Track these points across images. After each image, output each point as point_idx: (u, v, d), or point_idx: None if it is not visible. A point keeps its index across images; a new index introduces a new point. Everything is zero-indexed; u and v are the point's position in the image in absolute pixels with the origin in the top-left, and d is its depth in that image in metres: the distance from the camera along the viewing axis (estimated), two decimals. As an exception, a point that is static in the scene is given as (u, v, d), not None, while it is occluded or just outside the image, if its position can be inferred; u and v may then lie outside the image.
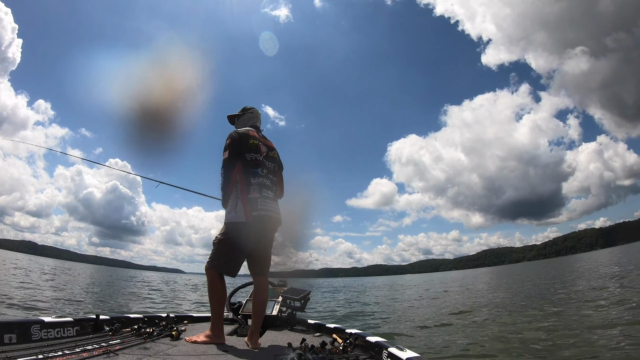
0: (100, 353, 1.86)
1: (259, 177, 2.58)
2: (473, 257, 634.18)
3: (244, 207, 2.50)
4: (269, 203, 2.59)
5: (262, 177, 2.60)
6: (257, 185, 2.56)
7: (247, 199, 2.51)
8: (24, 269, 24.98)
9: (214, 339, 2.46)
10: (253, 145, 2.62)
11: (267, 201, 2.58)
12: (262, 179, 2.60)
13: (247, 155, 2.59)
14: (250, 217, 2.49)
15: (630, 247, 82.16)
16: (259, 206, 2.52)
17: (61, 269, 35.56)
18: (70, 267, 49.72)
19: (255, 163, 2.60)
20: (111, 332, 2.46)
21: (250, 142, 2.62)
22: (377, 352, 2.26)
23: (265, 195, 2.58)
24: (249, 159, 2.59)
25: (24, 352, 1.77)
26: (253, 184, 2.55)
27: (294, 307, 3.54)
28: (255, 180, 2.57)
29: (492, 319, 7.85)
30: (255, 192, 2.53)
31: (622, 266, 19.83)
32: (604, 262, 28.22)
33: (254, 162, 2.60)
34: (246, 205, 2.50)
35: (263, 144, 2.71)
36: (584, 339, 5.07)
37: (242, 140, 2.61)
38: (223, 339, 2.51)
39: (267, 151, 2.72)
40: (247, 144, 2.61)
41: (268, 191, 2.62)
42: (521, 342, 5.39)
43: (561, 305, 8.62)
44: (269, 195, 2.63)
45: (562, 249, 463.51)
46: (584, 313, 7.13)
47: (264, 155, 2.67)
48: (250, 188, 2.54)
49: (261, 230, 2.56)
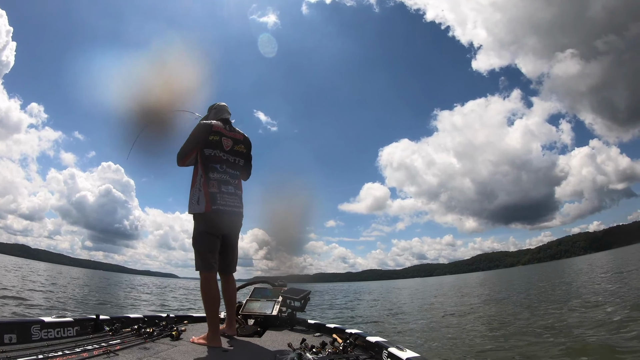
0: (101, 353, 1.87)
1: (217, 173, 2.65)
2: (467, 262, 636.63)
3: (205, 200, 2.58)
4: (227, 198, 2.66)
5: (221, 173, 2.67)
6: (216, 181, 2.63)
7: (208, 192, 2.59)
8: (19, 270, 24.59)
9: (210, 342, 2.45)
10: (213, 141, 2.66)
11: (225, 196, 2.64)
12: (222, 174, 2.67)
13: (205, 150, 2.65)
14: (210, 209, 2.57)
15: (624, 250, 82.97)
16: (217, 201, 2.60)
17: (53, 274, 35.03)
18: (61, 272, 49.03)
19: (214, 159, 2.66)
20: (111, 332, 2.46)
21: (210, 138, 2.66)
22: (377, 352, 2.26)
23: (224, 191, 2.64)
24: (207, 154, 2.64)
25: (24, 352, 1.77)
26: (212, 179, 2.62)
27: (294, 307, 3.53)
28: (214, 175, 2.63)
29: (491, 320, 7.87)
30: (214, 187, 2.61)
31: (614, 270, 20.00)
32: (599, 265, 28.45)
33: (212, 157, 2.65)
34: (207, 198, 2.58)
35: (228, 138, 2.75)
36: (575, 340, 5.11)
37: (201, 134, 2.65)
38: (219, 342, 2.49)
39: (232, 145, 2.76)
40: (206, 139, 2.65)
41: (228, 186, 2.69)
42: (518, 343, 5.41)
43: (556, 307, 8.68)
44: (229, 190, 2.69)
45: (557, 253, 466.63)
46: (577, 315, 7.19)
47: (227, 150, 2.72)
48: (209, 183, 2.60)
49: (220, 223, 2.63)
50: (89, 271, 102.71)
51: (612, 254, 65.42)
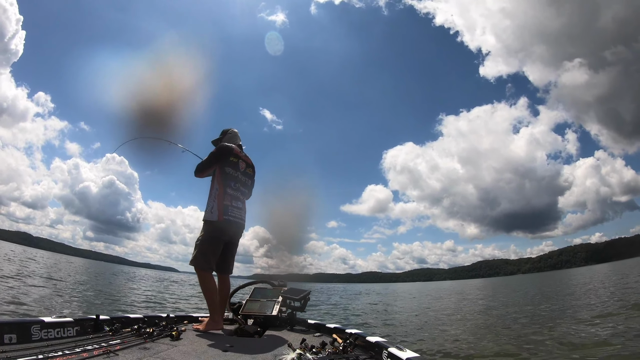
0: (100, 353, 1.86)
1: (231, 189, 3.20)
2: (468, 268, 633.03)
3: (218, 210, 3.10)
4: (237, 211, 3.22)
5: (234, 190, 3.23)
6: (230, 196, 3.17)
7: (222, 204, 3.11)
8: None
9: (213, 325, 2.92)
10: (232, 162, 3.24)
11: (235, 210, 3.20)
12: (235, 191, 3.23)
13: (226, 168, 3.20)
14: (222, 218, 3.09)
15: (625, 263, 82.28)
16: (229, 212, 3.13)
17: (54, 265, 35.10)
18: (59, 261, 49.10)
19: (232, 177, 3.22)
20: (111, 332, 2.45)
21: (231, 159, 3.24)
22: (377, 352, 2.26)
23: (234, 205, 3.20)
24: (227, 172, 3.19)
25: (24, 352, 1.77)
26: (227, 193, 3.16)
27: (294, 307, 3.55)
28: (230, 191, 3.18)
29: (490, 324, 7.86)
30: (227, 201, 3.15)
31: (613, 283, 19.86)
32: (599, 278, 28.24)
33: (230, 176, 3.21)
34: (220, 209, 3.10)
35: (243, 161, 3.35)
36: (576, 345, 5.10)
37: (224, 155, 3.23)
38: (221, 325, 2.99)
39: (245, 167, 3.37)
40: (227, 160, 3.22)
41: (238, 202, 3.25)
42: (518, 346, 5.41)
43: (554, 315, 8.65)
44: (238, 205, 3.25)
45: (557, 262, 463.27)
46: (574, 324, 7.17)
47: (241, 171, 3.30)
48: (225, 196, 3.14)
49: (228, 231, 3.18)
50: (88, 262, 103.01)
51: (612, 267, 64.83)
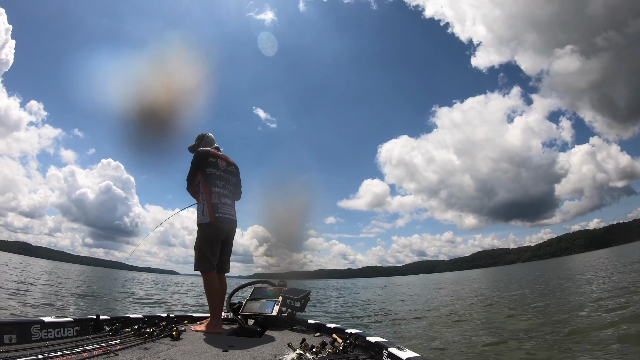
0: (101, 353, 1.87)
1: (217, 187, 3.30)
2: (468, 259, 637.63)
3: (209, 211, 3.19)
4: (227, 208, 3.32)
5: (220, 188, 3.32)
6: (217, 194, 3.27)
7: (211, 204, 3.22)
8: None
9: (212, 328, 2.96)
10: (212, 162, 3.34)
11: (225, 207, 3.30)
12: (220, 189, 3.32)
13: (207, 169, 3.30)
14: (214, 218, 3.19)
15: (624, 248, 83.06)
16: (219, 210, 3.23)
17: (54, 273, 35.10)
18: (60, 268, 49.15)
19: (214, 176, 3.31)
20: (111, 332, 2.47)
21: (209, 160, 3.34)
22: (377, 352, 2.25)
23: (223, 202, 3.29)
24: (209, 173, 3.30)
25: (24, 352, 1.77)
26: (214, 192, 3.26)
27: (294, 307, 3.54)
28: (215, 189, 3.28)
29: (491, 320, 7.89)
30: (215, 199, 3.25)
31: (613, 268, 20.03)
32: (597, 264, 28.47)
33: (212, 175, 3.31)
34: (210, 209, 3.20)
35: (222, 160, 3.43)
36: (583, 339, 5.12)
37: (202, 158, 3.33)
38: (221, 329, 3.03)
39: (226, 165, 3.45)
40: (206, 162, 3.32)
41: (226, 199, 3.34)
42: (518, 342, 5.43)
43: (556, 306, 8.69)
44: (227, 202, 3.35)
45: (557, 250, 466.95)
46: (578, 313, 7.21)
47: (222, 169, 3.39)
48: (212, 195, 3.25)
49: (222, 228, 3.25)
50: (89, 268, 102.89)
51: (611, 252, 65.42)
